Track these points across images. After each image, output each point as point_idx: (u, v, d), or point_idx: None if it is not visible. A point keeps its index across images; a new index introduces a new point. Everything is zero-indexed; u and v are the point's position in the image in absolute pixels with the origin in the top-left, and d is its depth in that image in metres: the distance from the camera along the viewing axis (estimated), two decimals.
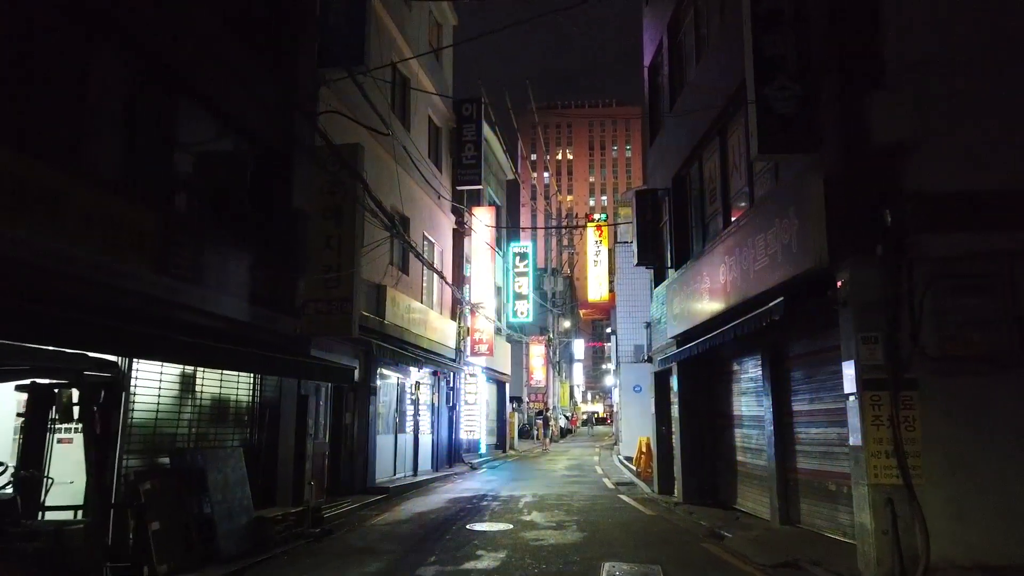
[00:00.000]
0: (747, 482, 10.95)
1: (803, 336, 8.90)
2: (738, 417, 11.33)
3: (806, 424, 8.89)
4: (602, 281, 31.46)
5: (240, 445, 9.73)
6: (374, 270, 14.27)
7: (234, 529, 8.38)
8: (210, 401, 9.09)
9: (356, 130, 12.87)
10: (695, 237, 12.34)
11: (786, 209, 7.65)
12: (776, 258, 7.91)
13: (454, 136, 20.95)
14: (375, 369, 14.51)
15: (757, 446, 10.44)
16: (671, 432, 13.99)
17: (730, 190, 10.60)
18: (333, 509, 11.62)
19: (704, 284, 10.77)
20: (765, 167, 9.12)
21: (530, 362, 38.77)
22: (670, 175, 13.30)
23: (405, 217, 16.62)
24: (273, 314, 9.93)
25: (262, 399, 10.16)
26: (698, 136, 11.72)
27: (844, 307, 6.85)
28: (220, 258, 8.78)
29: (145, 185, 7.65)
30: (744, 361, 11.02)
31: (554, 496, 13.84)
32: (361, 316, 12.82)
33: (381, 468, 14.84)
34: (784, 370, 9.47)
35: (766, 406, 9.79)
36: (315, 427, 12.14)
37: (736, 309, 9.29)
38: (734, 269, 9.37)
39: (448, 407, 19.95)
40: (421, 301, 17.56)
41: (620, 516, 11.31)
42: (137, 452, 7.72)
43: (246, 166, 9.98)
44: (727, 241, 9.81)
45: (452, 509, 12.17)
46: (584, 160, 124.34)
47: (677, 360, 12.38)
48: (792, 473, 9.22)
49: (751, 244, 8.69)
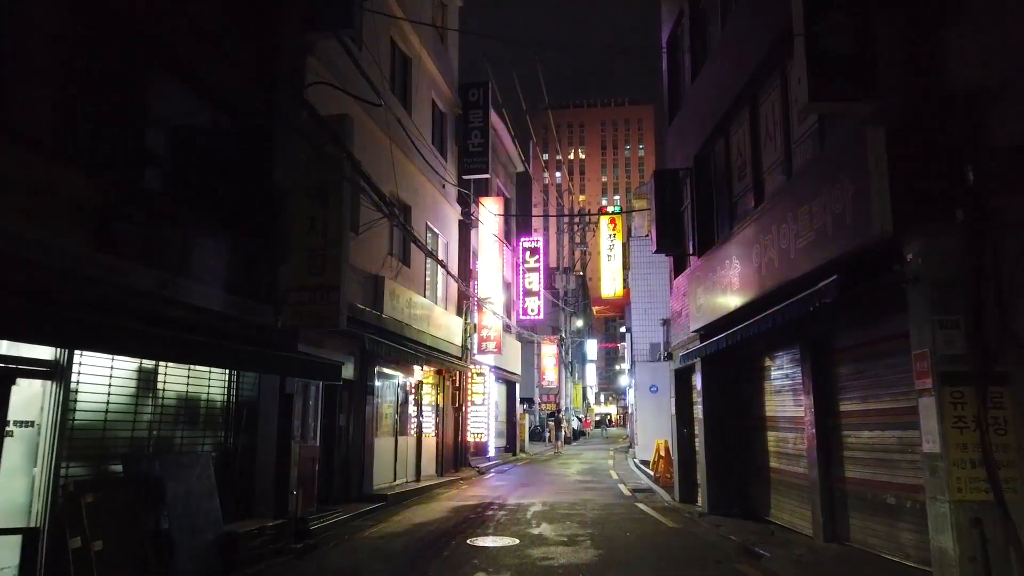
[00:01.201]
0: (782, 491, 9.77)
1: (853, 325, 7.72)
2: (771, 418, 10.15)
3: (856, 427, 7.71)
4: (616, 276, 30.22)
5: (213, 450, 8.68)
6: (370, 260, 13.20)
7: (197, 547, 7.32)
8: (175, 400, 8.04)
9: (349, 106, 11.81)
10: (720, 220, 11.17)
11: (838, 173, 6.49)
12: (825, 232, 6.75)
13: (460, 123, 19.86)
14: (372, 367, 13.43)
15: (795, 451, 9.25)
16: (693, 435, 12.82)
17: (762, 164, 9.44)
18: (323, 520, 10.55)
19: (732, 270, 9.61)
20: (807, 132, 7.96)
21: (542, 362, 37.61)
22: (691, 155, 12.15)
23: (406, 205, 15.55)
24: (250, 304, 8.86)
25: (239, 398, 9.10)
26: (723, 108, 10.57)
27: (915, 284, 5.68)
28: (184, 238, 7.72)
29: (86, 148, 6.58)
30: (778, 356, 9.84)
31: (566, 505, 12.70)
32: (355, 309, 11.78)
33: (379, 473, 13.75)
34: (828, 365, 8.29)
35: (806, 406, 8.61)
36: (303, 429, 11.06)
37: (772, 295, 8.13)
38: (770, 249, 8.21)
39: (454, 408, 18.84)
40: (424, 295, 16.47)
41: (639, 529, 10.16)
42: (81, 458, 6.66)
43: (219, 138, 8.92)
44: (761, 220, 8.66)
45: (454, 520, 11.06)
46: (596, 159, 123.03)
47: (701, 356, 11.22)
48: (839, 483, 8.03)
49: (792, 219, 7.53)
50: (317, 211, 9.42)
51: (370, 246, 13.26)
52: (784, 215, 7.79)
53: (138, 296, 6.83)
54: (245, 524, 8.25)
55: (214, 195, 8.59)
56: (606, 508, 12.31)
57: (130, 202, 6.82)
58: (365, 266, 12.87)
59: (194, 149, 8.40)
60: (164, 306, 7.24)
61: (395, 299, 13.97)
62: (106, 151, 6.80)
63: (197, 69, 8.17)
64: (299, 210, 9.44)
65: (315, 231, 9.41)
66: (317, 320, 9.31)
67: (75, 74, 6.44)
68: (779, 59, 8.46)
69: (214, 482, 7.86)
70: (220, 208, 8.62)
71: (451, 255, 18.94)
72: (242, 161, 9.11)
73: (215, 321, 8.13)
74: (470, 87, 19.91)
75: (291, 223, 9.50)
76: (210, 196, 8.51)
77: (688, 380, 13.19)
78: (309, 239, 9.40)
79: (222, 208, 8.66)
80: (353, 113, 12.28)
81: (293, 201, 9.51)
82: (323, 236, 9.38)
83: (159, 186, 7.59)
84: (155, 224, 7.17)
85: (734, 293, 9.59)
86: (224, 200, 8.76)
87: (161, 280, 7.10)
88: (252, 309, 8.91)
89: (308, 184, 9.51)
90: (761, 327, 8.14)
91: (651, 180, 12.79)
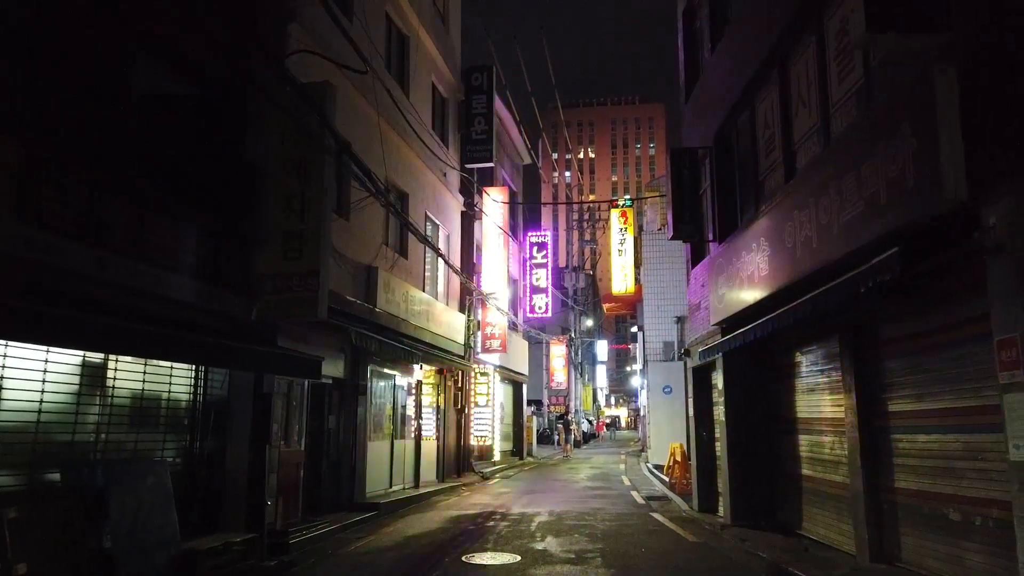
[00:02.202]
0: (817, 502, 8.71)
1: (904, 312, 6.67)
2: (803, 420, 9.09)
3: (910, 429, 6.65)
4: (627, 272, 29.15)
5: (176, 456, 7.73)
6: (363, 249, 12.23)
7: (148, 567, 6.35)
8: (129, 399, 7.08)
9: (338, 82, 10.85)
10: (744, 201, 10.13)
11: (894, 129, 5.45)
12: (877, 201, 5.72)
13: (462, 109, 18.87)
14: (365, 365, 12.45)
15: (832, 456, 8.20)
16: (714, 438, 11.77)
17: (794, 134, 8.39)
18: (306, 532, 9.58)
19: (760, 254, 8.57)
20: (849, 91, 6.93)
21: (550, 363, 36.55)
22: (711, 131, 11.11)
23: (403, 192, 14.59)
24: (218, 292, 7.90)
25: (207, 398, 8.14)
26: (748, 77, 9.54)
27: (998, 256, 4.64)
28: (134, 215, 6.75)
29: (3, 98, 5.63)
30: (812, 350, 8.79)
31: (574, 515, 11.66)
32: (344, 301, 10.81)
33: (373, 480, 12.76)
34: (873, 359, 7.23)
35: (847, 406, 7.56)
36: (286, 432, 10.10)
37: (810, 279, 7.10)
38: (806, 227, 7.17)
39: (456, 409, 17.84)
40: (423, 290, 15.48)
41: (656, 543, 9.12)
42: (6, 466, 5.72)
43: (182, 105, 7.98)
44: (795, 195, 7.62)
45: (451, 532, 10.05)
46: (606, 158, 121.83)
47: (723, 351, 10.16)
48: (888, 494, 6.97)
49: (834, 190, 6.50)
50: (294, 189, 8.44)
51: (363, 235, 12.29)
52: (824, 187, 6.75)
53: (71, 278, 5.86)
54: (209, 540, 7.28)
55: (175, 168, 7.63)
56: (618, 519, 11.27)
57: (63, 168, 5.86)
58: (357, 256, 11.90)
59: (151, 116, 7.45)
60: (106, 291, 6.28)
61: (390, 292, 12.99)
62: (36, 105, 5.84)
63: (156, 27, 7.22)
64: (274, 188, 8.47)
65: (292, 211, 8.43)
66: (294, 310, 8.33)
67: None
68: (815, 9, 7.43)
69: (171, 493, 6.89)
70: (183, 183, 7.67)
71: (453, 247, 17.95)
72: (211, 132, 8.16)
73: (173, 310, 7.16)
74: (473, 71, 18.92)
75: (266, 203, 8.53)
76: (170, 169, 7.55)
77: (707, 379, 12.15)
78: (285, 220, 8.42)
79: (185, 183, 7.71)
80: (344, 90, 11.33)
81: (268, 179, 8.54)
82: (301, 217, 8.40)
83: (103, 153, 6.62)
84: (96, 196, 6.20)
85: (761, 280, 8.55)
86: (188, 175, 7.80)
87: (101, 261, 6.13)
88: (221, 298, 7.95)
89: (285, 159, 8.53)
90: (798, 315, 7.09)
91: (667, 160, 11.76)
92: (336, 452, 11.75)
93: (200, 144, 8.00)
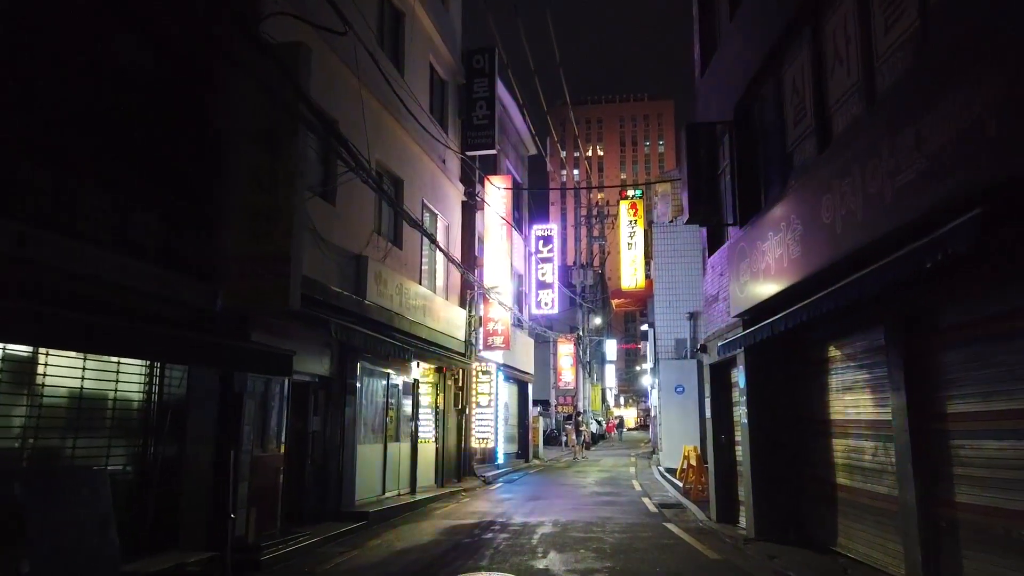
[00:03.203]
0: (855, 515, 7.68)
1: (969, 295, 5.65)
2: (838, 422, 8.07)
3: (975, 434, 5.63)
4: (637, 266, 28.08)
5: (127, 463, 6.81)
6: (352, 237, 11.28)
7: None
8: (65, 400, 6.16)
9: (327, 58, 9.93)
10: (769, 179, 9.13)
11: (967, 71, 4.46)
12: (942, 159, 4.72)
13: (463, 94, 17.90)
14: (355, 362, 11.51)
15: (875, 464, 7.17)
16: (734, 441, 10.76)
17: (828, 97, 7.38)
18: (284, 546, 8.63)
19: (790, 234, 7.56)
20: (899, 39, 5.90)
21: (558, 362, 35.49)
22: (731, 104, 10.10)
23: (398, 178, 13.64)
24: (174, 276, 6.97)
25: (162, 398, 7.20)
26: (773, 40, 8.55)
27: None
28: (67, 186, 5.83)
29: None
30: (850, 342, 7.77)
31: (581, 525, 10.67)
32: (327, 291, 9.88)
33: (364, 486, 11.82)
34: (928, 351, 6.20)
35: (895, 406, 6.54)
36: (262, 435, 9.12)
37: (852, 260, 6.10)
38: (849, 199, 6.17)
39: (456, 410, 16.87)
40: (420, 283, 14.53)
41: (671, 561, 8.12)
42: None
43: (136, 68, 7.05)
44: (832, 163, 6.63)
45: (443, 545, 9.09)
46: (615, 156, 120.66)
47: (745, 345, 9.16)
48: (946, 509, 5.94)
49: (887, 151, 5.49)
50: (263, 161, 7.50)
51: (351, 221, 11.35)
52: (873, 149, 5.75)
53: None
54: (159, 560, 6.37)
55: (125, 137, 6.70)
56: (629, 530, 10.27)
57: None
58: (345, 244, 10.96)
59: (95, 76, 6.51)
60: (30, 272, 5.36)
61: (382, 284, 12.04)
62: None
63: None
64: (241, 161, 7.53)
65: (261, 187, 7.48)
66: (261, 298, 7.38)
67: None
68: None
69: (110, 507, 5.94)
70: (135, 154, 6.73)
71: (453, 239, 16.98)
72: (170, 99, 7.22)
73: (116, 296, 6.22)
74: (474, 53, 17.95)
75: (233, 179, 7.60)
76: (119, 137, 6.62)
77: (727, 377, 11.13)
78: (253, 197, 7.47)
79: (138, 155, 6.77)
80: (331, 65, 10.48)
81: (235, 151, 7.60)
82: (271, 193, 7.45)
83: (36, 114, 5.69)
84: (16, 160, 5.27)
85: (791, 264, 7.54)
86: (142, 145, 6.87)
87: (20, 236, 5.20)
88: (179, 284, 7.01)
89: (254, 130, 7.59)
90: (839, 300, 6.09)
91: (681, 145, 10.74)
92: (322, 456, 10.81)
93: (158, 112, 7.07)
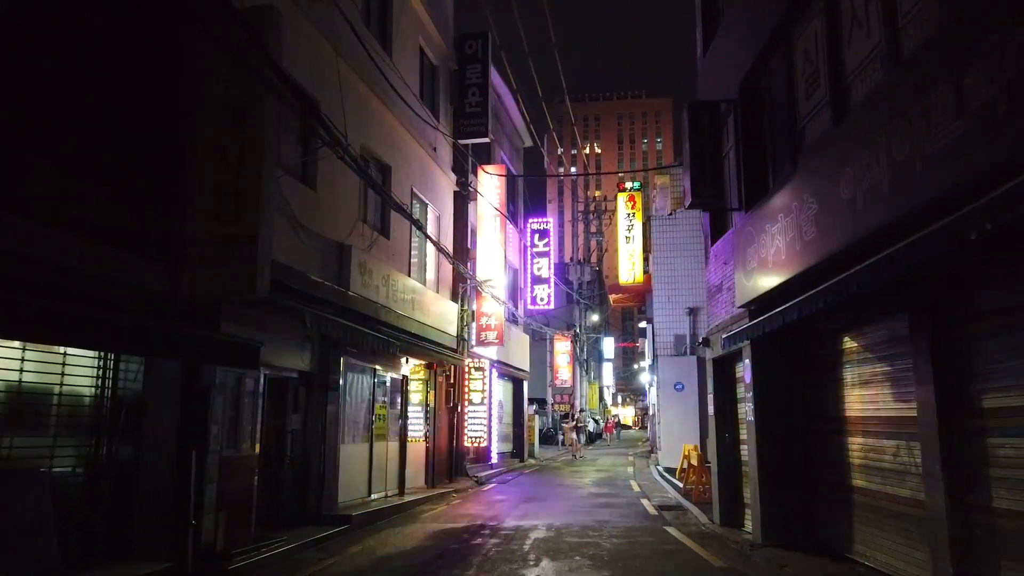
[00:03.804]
0: (874, 520, 7.07)
1: (1006, 277, 5.05)
2: (854, 419, 7.47)
3: (1015, 431, 5.02)
4: (635, 260, 27.48)
5: (77, 465, 6.18)
6: (334, 224, 10.65)
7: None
8: (3, 394, 5.53)
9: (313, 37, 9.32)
10: (778, 159, 8.51)
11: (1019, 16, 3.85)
12: (986, 117, 4.11)
13: (455, 80, 17.28)
14: (338, 357, 10.88)
15: (897, 465, 6.57)
16: (739, 440, 10.16)
17: (846, 65, 6.77)
18: (257, 553, 7.99)
19: (803, 214, 6.96)
20: None
21: (555, 360, 34.90)
22: (736, 81, 9.48)
23: (385, 164, 13.02)
24: (129, 259, 6.34)
25: (117, 392, 6.57)
26: (783, 7, 7.95)
27: None
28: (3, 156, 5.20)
29: None
30: (868, 332, 7.16)
31: (576, 529, 10.06)
32: (306, 280, 9.25)
33: (348, 488, 11.19)
34: (959, 340, 5.60)
35: (921, 401, 5.93)
36: (234, 434, 8.47)
37: (875, 238, 5.50)
38: (873, 170, 5.56)
39: (448, 408, 16.24)
40: (409, 275, 13.90)
41: (674, 569, 7.51)
42: None
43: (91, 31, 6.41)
44: (853, 134, 6.03)
45: (429, 552, 8.47)
46: (613, 154, 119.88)
47: (752, 337, 8.55)
48: (983, 515, 5.34)
49: (919, 114, 4.89)
50: (230, 135, 6.86)
51: (334, 208, 10.73)
52: (900, 112, 5.14)
53: None
54: (108, 571, 5.73)
55: (73, 103, 6.06)
56: (627, 534, 9.66)
57: None
58: (326, 231, 10.33)
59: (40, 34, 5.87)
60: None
61: (367, 275, 11.41)
62: None
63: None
64: (205, 133, 6.89)
65: (226, 163, 6.85)
66: (226, 284, 6.74)
67: None
68: None
69: (50, 513, 5.34)
70: (82, 123, 6.10)
71: (444, 230, 16.35)
72: (126, 64, 6.58)
73: (52, 277, 5.59)
74: (467, 38, 17.33)
75: (196, 155, 6.96)
76: (64, 103, 5.98)
77: (730, 372, 10.52)
78: (218, 173, 6.84)
79: (86, 124, 6.14)
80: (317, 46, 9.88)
81: (199, 125, 6.97)
82: (237, 169, 6.82)
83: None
84: None
85: (805, 247, 6.94)
86: (92, 113, 6.23)
87: None
88: (132, 266, 6.38)
89: (218, 101, 6.95)
90: (862, 283, 5.47)
91: (685, 115, 10.12)
92: (302, 456, 10.18)
93: (112, 78, 6.43)
